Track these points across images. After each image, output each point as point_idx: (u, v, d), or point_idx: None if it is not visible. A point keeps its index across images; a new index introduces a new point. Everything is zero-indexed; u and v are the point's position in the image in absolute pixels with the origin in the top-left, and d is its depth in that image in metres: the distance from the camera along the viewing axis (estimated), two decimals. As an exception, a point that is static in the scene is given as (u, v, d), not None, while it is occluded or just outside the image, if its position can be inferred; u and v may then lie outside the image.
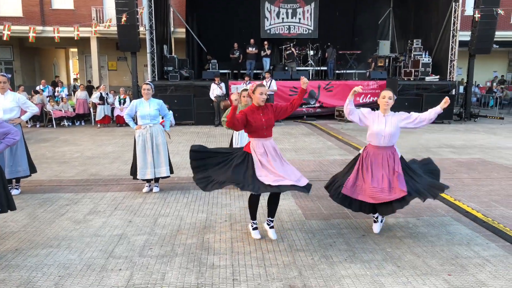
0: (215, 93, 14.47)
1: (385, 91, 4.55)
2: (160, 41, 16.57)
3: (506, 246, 4.39)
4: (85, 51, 23.76)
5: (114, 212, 5.49)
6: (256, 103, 4.40)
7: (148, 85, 6.30)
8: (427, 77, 16.83)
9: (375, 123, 4.52)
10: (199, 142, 11.25)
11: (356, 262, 4.03)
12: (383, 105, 4.53)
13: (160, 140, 6.31)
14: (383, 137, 4.47)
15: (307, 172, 7.72)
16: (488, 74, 25.96)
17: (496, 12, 15.26)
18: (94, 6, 21.72)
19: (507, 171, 7.76)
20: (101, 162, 8.70)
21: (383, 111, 4.55)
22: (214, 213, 5.46)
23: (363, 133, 12.64)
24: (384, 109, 4.53)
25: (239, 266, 3.94)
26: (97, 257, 4.15)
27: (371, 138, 4.57)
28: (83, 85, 18.19)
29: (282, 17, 20.31)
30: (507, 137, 12.02)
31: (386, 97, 4.49)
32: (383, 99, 4.51)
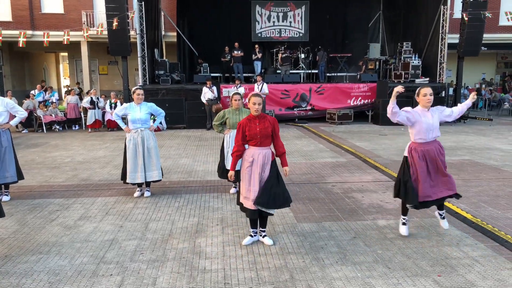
0: (207, 97, 14.47)
1: (425, 88, 4.52)
2: (151, 45, 16.54)
3: (495, 246, 4.45)
4: (76, 55, 23.63)
5: (105, 217, 5.47)
6: (251, 113, 4.42)
7: (140, 90, 6.29)
8: (417, 79, 16.98)
9: (422, 118, 4.49)
10: (190, 146, 11.25)
11: (347, 264, 4.06)
12: (425, 103, 4.49)
13: (152, 144, 6.30)
14: (432, 131, 4.48)
15: (299, 174, 7.75)
16: (477, 76, 26.24)
17: (484, 15, 15.46)
18: (84, 10, 21.62)
19: (496, 172, 7.85)
20: (92, 167, 8.66)
21: (425, 107, 4.54)
22: (205, 217, 5.45)
23: (355, 135, 12.77)
24: (426, 106, 4.52)
25: (230, 270, 3.95)
26: (88, 262, 4.13)
27: (420, 135, 4.51)
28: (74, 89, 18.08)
29: (273, 20, 20.39)
30: (496, 138, 12.16)
31: (428, 94, 4.48)
32: (425, 97, 4.49)
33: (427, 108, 4.52)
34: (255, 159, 4.35)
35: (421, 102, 4.53)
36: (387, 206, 5.89)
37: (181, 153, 10.09)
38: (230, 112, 6.26)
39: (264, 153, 4.38)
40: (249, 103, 4.42)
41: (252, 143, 4.39)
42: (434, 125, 4.47)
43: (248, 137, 4.37)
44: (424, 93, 4.49)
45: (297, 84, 16.59)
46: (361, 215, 5.48)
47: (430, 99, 4.48)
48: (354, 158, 9.36)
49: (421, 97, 4.52)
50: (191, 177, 7.70)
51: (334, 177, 7.59)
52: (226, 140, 6.40)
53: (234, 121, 6.18)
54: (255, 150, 4.38)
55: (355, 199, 6.21)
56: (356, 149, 10.23)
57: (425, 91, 4.49)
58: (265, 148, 4.41)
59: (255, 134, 4.34)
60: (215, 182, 7.18)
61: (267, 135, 4.38)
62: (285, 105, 16.22)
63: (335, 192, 6.57)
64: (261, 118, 4.41)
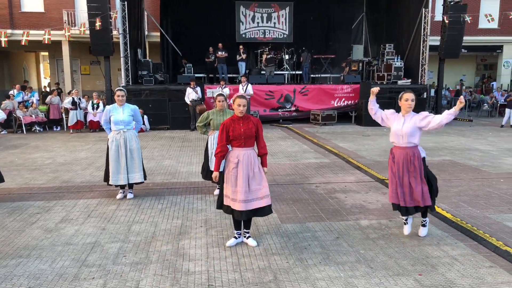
0: (191, 97, 14.41)
1: (407, 93, 4.53)
2: (134, 45, 16.39)
3: (473, 245, 4.54)
4: (57, 55, 23.25)
5: (87, 220, 5.40)
6: (236, 114, 4.42)
7: (122, 91, 6.22)
8: (399, 80, 17.22)
9: (395, 122, 4.56)
10: (174, 147, 11.18)
11: (330, 264, 4.09)
12: (406, 108, 4.51)
13: (134, 145, 6.24)
14: (401, 137, 4.50)
15: (283, 175, 7.78)
16: (458, 77, 26.74)
17: (463, 20, 15.76)
18: (65, 9, 21.28)
19: (475, 172, 8.01)
20: (73, 168, 8.54)
21: (404, 112, 4.56)
22: (189, 218, 5.43)
23: (338, 136, 12.87)
24: (406, 111, 4.54)
25: (214, 272, 3.94)
26: (70, 266, 4.07)
27: (392, 138, 4.62)
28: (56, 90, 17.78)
29: (257, 21, 20.44)
30: (475, 139, 12.40)
31: (409, 100, 4.48)
32: (406, 102, 4.50)
33: (406, 113, 4.54)
34: (240, 160, 4.36)
35: (402, 106, 4.56)
36: (369, 206, 5.95)
37: (164, 154, 10.03)
38: (214, 113, 6.25)
39: (248, 154, 4.39)
40: (233, 105, 4.42)
41: (236, 143, 4.39)
42: (403, 131, 4.47)
43: (232, 138, 4.37)
44: (406, 98, 4.51)
45: (281, 85, 16.64)
46: (344, 216, 5.53)
47: (411, 105, 4.49)
48: (338, 159, 9.44)
49: (402, 102, 4.54)
50: (174, 178, 7.65)
51: (318, 177, 7.64)
52: (210, 141, 6.39)
53: (218, 122, 6.17)
54: (240, 151, 4.38)
55: (338, 199, 6.26)
56: (340, 150, 10.32)
57: (407, 96, 4.50)
58: (249, 149, 4.42)
59: (239, 135, 4.34)
60: (199, 184, 7.16)
61: (251, 136, 4.39)
62: (269, 106, 16.26)
63: (318, 193, 6.62)
64: (245, 119, 4.41)
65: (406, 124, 4.49)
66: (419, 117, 4.53)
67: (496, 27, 24.10)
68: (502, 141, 12.00)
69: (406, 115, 4.55)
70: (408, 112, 4.54)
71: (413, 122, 4.50)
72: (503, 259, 4.19)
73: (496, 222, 5.23)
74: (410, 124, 4.49)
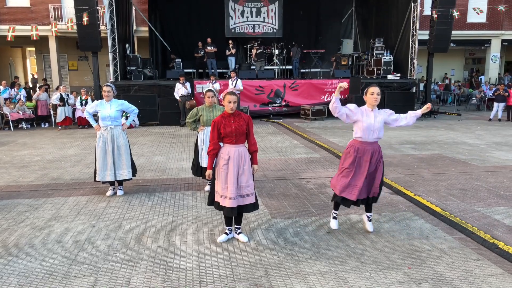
0: (180, 93, 14.33)
1: (373, 87, 4.51)
2: (122, 40, 16.23)
3: (462, 238, 4.60)
4: (43, 50, 22.94)
5: (77, 217, 5.36)
6: (226, 110, 4.40)
7: (108, 87, 6.16)
8: (389, 75, 17.31)
9: (364, 117, 4.49)
10: (164, 143, 11.13)
11: (321, 259, 4.12)
12: (372, 101, 4.48)
13: (122, 142, 6.19)
14: (372, 132, 4.47)
15: (273, 171, 7.79)
16: (447, 71, 26.97)
17: (451, 15, 15.86)
18: (51, 4, 20.97)
19: (464, 166, 8.10)
20: (62, 165, 8.46)
21: (370, 106, 4.53)
22: (180, 215, 5.42)
23: (328, 131, 12.91)
24: (372, 105, 4.51)
25: (205, 268, 3.94)
26: (60, 264, 4.04)
27: (360, 133, 4.52)
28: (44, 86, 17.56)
29: (246, 16, 20.35)
30: (464, 133, 12.54)
31: (375, 93, 4.46)
32: (372, 95, 4.47)
33: (372, 107, 4.51)
34: (231, 156, 4.36)
35: (368, 100, 4.51)
36: (359, 200, 5.98)
37: (154, 151, 9.98)
38: (203, 109, 6.23)
39: (239, 151, 4.39)
40: (224, 101, 4.41)
41: (227, 140, 4.38)
42: (375, 125, 4.45)
43: (223, 135, 4.36)
44: (371, 91, 4.47)
45: (271, 80, 16.63)
46: (335, 210, 5.55)
47: (377, 99, 4.46)
48: (328, 153, 9.47)
49: (368, 96, 4.50)
50: (165, 174, 7.63)
51: (308, 172, 7.67)
52: (200, 137, 6.37)
53: (207, 118, 6.15)
54: (231, 148, 4.38)
55: (328, 194, 6.29)
56: (330, 145, 10.36)
57: (373, 90, 4.47)
58: (241, 146, 4.42)
59: (230, 132, 4.33)
60: (189, 180, 7.14)
61: (242, 133, 4.39)
62: (259, 101, 16.24)
63: (309, 188, 6.64)
64: (236, 116, 4.41)
65: (377, 118, 4.49)
66: (386, 113, 4.59)
67: (484, 21, 24.32)
68: (490, 135, 12.15)
69: (374, 110, 4.53)
70: (374, 106, 4.52)
71: (382, 117, 4.52)
72: (490, 251, 4.26)
73: (484, 215, 5.30)
74: (380, 119, 4.51)
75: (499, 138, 11.50)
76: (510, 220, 5.13)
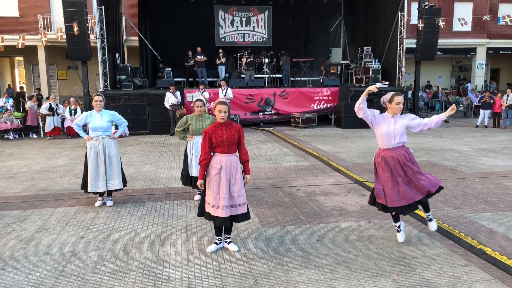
0: (170, 102, 14.32)
1: (398, 96, 4.52)
2: (112, 49, 16.22)
3: (450, 245, 4.64)
4: (32, 60, 22.79)
5: (65, 228, 5.31)
6: (218, 120, 4.42)
7: (99, 97, 6.15)
8: (377, 83, 17.46)
9: (384, 124, 4.53)
10: (154, 152, 11.09)
11: (310, 267, 4.12)
12: (396, 111, 4.51)
13: (114, 152, 6.16)
14: (393, 138, 4.49)
15: (264, 179, 7.80)
16: (434, 79, 27.30)
17: (438, 25, 16.11)
18: (40, 13, 20.91)
19: (452, 173, 8.19)
20: (51, 176, 8.38)
21: (392, 114, 4.55)
22: (169, 225, 5.40)
23: (318, 139, 12.98)
24: (396, 113, 4.54)
25: (195, 278, 3.93)
26: (47, 276, 4.00)
27: (381, 141, 4.55)
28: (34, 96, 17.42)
29: (236, 25, 20.47)
30: (451, 140, 12.68)
31: (401, 103, 4.49)
32: (398, 105, 4.49)
33: (394, 114, 4.54)
34: (223, 166, 4.36)
35: (392, 109, 4.53)
36: (349, 208, 6.02)
37: (144, 160, 9.94)
38: (192, 118, 6.24)
39: (231, 160, 4.40)
40: (215, 111, 4.42)
41: (219, 150, 4.39)
42: (395, 131, 4.47)
43: (215, 144, 4.37)
44: (398, 101, 4.49)
45: (261, 88, 16.70)
46: (324, 218, 5.58)
47: (402, 108, 4.52)
48: (318, 161, 9.52)
49: (393, 105, 4.51)
50: (154, 184, 7.59)
51: (298, 180, 7.69)
52: (189, 146, 6.37)
53: (197, 127, 6.16)
54: (223, 157, 4.38)
55: (318, 202, 6.31)
56: (320, 153, 10.41)
57: (399, 100, 4.49)
58: (232, 155, 4.43)
59: (222, 141, 4.34)
60: (179, 189, 7.12)
61: (233, 142, 4.40)
62: (250, 109, 16.29)
63: (299, 196, 6.66)
64: (228, 125, 4.42)
65: (398, 124, 4.51)
66: (408, 117, 4.59)
67: (469, 30, 24.74)
68: (477, 141, 12.31)
69: (395, 116, 4.56)
70: (397, 114, 4.56)
71: (403, 122, 4.53)
72: (477, 257, 4.30)
73: (471, 222, 5.36)
74: (401, 124, 4.52)
75: (486, 145, 11.65)
76: (497, 226, 5.19)
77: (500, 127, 15.94)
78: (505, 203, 6.17)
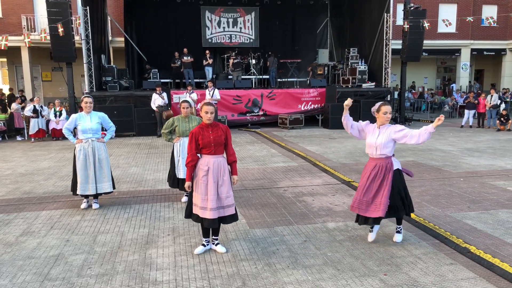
0: (157, 103, 14.24)
1: (386, 106, 4.51)
2: (97, 50, 16.06)
3: (436, 244, 4.69)
4: (16, 61, 22.45)
5: (50, 232, 5.23)
6: (204, 121, 4.39)
7: (89, 98, 6.07)
8: (364, 84, 17.62)
9: (369, 135, 4.56)
10: (140, 154, 11.01)
11: (298, 268, 4.13)
12: (384, 120, 4.50)
13: (103, 154, 6.10)
14: (375, 148, 4.49)
15: (251, 180, 7.79)
16: (420, 80, 27.61)
17: (423, 26, 16.30)
18: (24, 14, 20.61)
19: (437, 172, 8.29)
20: (35, 179, 8.25)
21: (380, 124, 4.55)
22: (156, 227, 5.36)
23: (306, 140, 13.03)
24: (383, 123, 4.53)
25: (182, 280, 3.90)
26: (31, 281, 3.93)
27: (368, 150, 4.61)
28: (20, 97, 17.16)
29: (223, 26, 20.44)
30: (437, 140, 12.83)
31: (388, 113, 4.48)
32: (385, 115, 4.47)
33: (383, 124, 4.53)
34: (210, 167, 4.34)
35: (380, 119, 4.53)
36: (336, 208, 6.05)
37: (130, 162, 9.86)
38: (179, 120, 6.20)
39: (219, 161, 4.38)
40: (201, 112, 4.41)
41: (205, 151, 4.37)
42: (377, 143, 4.47)
43: (202, 146, 4.34)
44: (384, 111, 4.48)
45: (249, 89, 16.70)
46: (312, 219, 5.59)
47: (389, 118, 4.52)
48: (305, 162, 9.54)
49: (381, 114, 4.51)
50: (141, 186, 7.53)
51: (286, 181, 7.70)
52: (176, 148, 6.33)
53: (183, 129, 6.13)
54: (210, 159, 4.36)
55: (306, 202, 6.33)
56: (307, 153, 10.44)
57: (386, 110, 4.48)
58: (219, 156, 4.41)
59: (208, 143, 4.32)
60: (166, 191, 7.08)
61: (220, 143, 4.38)
62: (237, 110, 16.27)
63: (286, 197, 6.67)
64: (214, 127, 4.40)
65: (381, 136, 4.48)
66: (394, 129, 4.51)
67: (454, 31, 25.08)
68: (462, 141, 12.48)
69: (382, 127, 4.53)
70: (384, 124, 4.54)
71: (387, 134, 4.48)
72: (463, 256, 4.36)
73: (457, 221, 5.42)
74: (385, 135, 4.48)
75: (471, 144, 11.82)
76: (481, 225, 5.26)
77: (484, 127, 16.20)
78: (489, 202, 6.26)
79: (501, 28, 25.53)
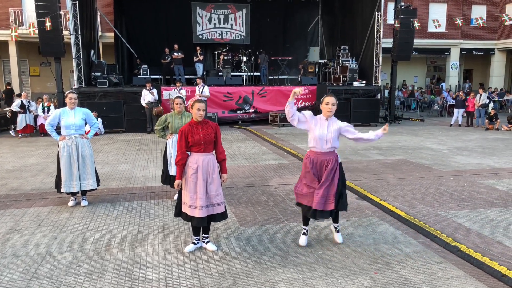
0: (147, 99, 14.11)
1: (328, 97, 4.42)
2: (86, 45, 15.85)
3: (426, 242, 4.71)
4: (3, 55, 22.12)
5: (37, 229, 5.15)
6: (194, 118, 4.34)
7: (74, 94, 6.00)
8: (354, 82, 17.66)
9: (317, 127, 4.41)
10: (130, 150, 10.91)
11: (289, 266, 4.11)
12: (326, 112, 4.40)
13: (87, 151, 6.02)
14: (325, 142, 4.38)
15: (242, 178, 7.77)
16: (410, 78, 27.79)
17: (413, 25, 16.39)
18: (12, 8, 20.30)
19: (427, 171, 8.34)
20: (22, 175, 8.13)
21: (326, 116, 4.44)
22: (146, 225, 5.30)
23: (297, 137, 13.02)
24: (327, 115, 4.43)
25: (172, 279, 3.86)
26: (18, 279, 3.86)
27: (313, 143, 4.44)
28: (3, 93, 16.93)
29: (214, 22, 20.35)
30: (427, 138, 12.93)
31: (330, 104, 4.36)
32: (327, 106, 4.36)
33: (327, 117, 4.43)
34: (199, 165, 4.30)
35: (323, 110, 4.44)
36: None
37: (120, 159, 9.76)
38: (172, 116, 6.15)
39: (208, 159, 4.35)
40: (192, 109, 4.36)
41: (195, 149, 4.32)
42: (328, 135, 4.37)
43: (191, 143, 4.30)
44: (326, 101, 4.37)
45: (239, 86, 16.64)
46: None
47: (332, 109, 4.36)
48: (296, 159, 9.54)
49: (323, 106, 4.42)
50: (130, 183, 7.46)
51: (277, 179, 7.69)
52: (169, 145, 6.28)
53: (176, 126, 6.07)
54: (199, 156, 4.32)
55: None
56: (298, 151, 10.44)
57: (328, 100, 4.38)
58: (209, 154, 4.38)
59: (198, 140, 4.28)
60: (156, 188, 7.02)
61: (210, 141, 4.34)
62: (228, 107, 16.21)
63: (277, 195, 6.65)
64: (204, 124, 4.36)
65: (331, 128, 4.38)
66: (343, 125, 4.45)
67: (444, 31, 25.27)
68: (451, 140, 12.59)
69: (330, 119, 4.42)
70: (330, 116, 4.43)
71: (337, 128, 4.40)
72: (452, 254, 4.38)
73: (446, 219, 5.46)
74: (334, 127, 4.41)
75: (460, 143, 11.92)
76: (471, 223, 5.30)
77: (473, 126, 16.35)
78: (478, 200, 6.32)
79: (490, 28, 25.78)
